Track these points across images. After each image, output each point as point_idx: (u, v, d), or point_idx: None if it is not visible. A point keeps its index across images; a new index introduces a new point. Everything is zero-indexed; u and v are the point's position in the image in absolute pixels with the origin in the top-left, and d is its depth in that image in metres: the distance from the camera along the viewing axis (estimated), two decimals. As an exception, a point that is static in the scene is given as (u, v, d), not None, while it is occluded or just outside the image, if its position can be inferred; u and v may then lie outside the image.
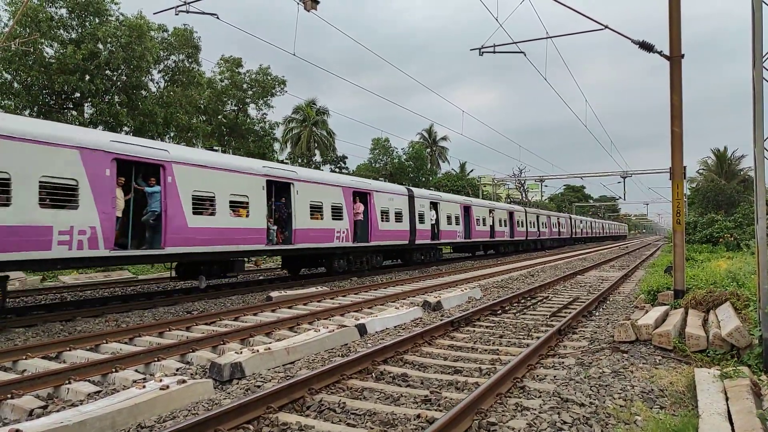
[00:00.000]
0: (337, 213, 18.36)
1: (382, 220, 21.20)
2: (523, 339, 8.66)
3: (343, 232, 18.65)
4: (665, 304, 10.33)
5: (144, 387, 5.40)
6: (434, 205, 26.21)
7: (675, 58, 11.00)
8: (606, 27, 12.51)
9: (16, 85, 23.42)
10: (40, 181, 9.95)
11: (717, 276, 12.39)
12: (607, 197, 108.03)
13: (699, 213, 46.14)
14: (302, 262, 19.47)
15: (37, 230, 9.85)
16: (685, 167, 11.22)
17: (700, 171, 60.65)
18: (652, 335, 7.89)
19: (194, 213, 12.88)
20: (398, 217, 22.56)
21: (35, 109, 23.72)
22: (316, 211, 17.34)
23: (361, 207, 19.91)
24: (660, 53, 11.40)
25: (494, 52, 15.96)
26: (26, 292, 15.19)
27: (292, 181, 16.45)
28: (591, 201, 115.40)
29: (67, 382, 6.16)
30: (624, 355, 7.38)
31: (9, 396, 5.63)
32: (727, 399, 5.10)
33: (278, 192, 16.34)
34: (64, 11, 24.09)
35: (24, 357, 7.39)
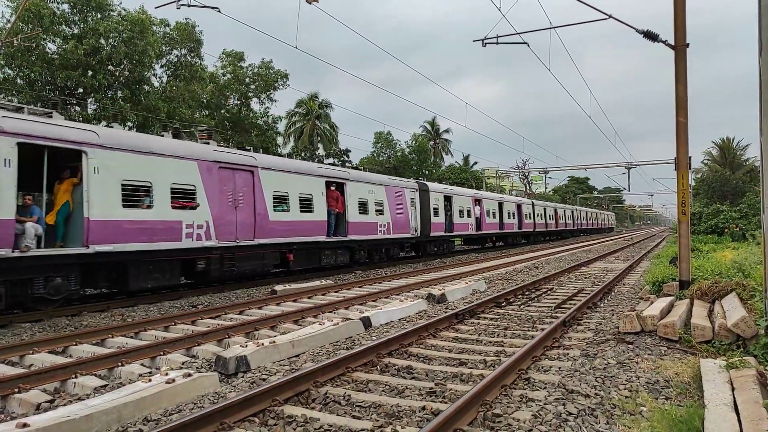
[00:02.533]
0: (379, 209, 20.79)
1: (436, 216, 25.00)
2: (528, 331, 8.65)
3: (385, 226, 20.90)
4: (670, 295, 10.30)
5: (150, 381, 5.42)
6: (448, 199, 27.58)
7: (680, 47, 10.90)
8: (610, 16, 12.42)
9: (19, 80, 23.45)
10: (171, 188, 12.32)
11: (722, 266, 12.34)
12: (612, 189, 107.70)
13: (704, 203, 45.93)
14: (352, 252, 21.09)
15: (172, 225, 12.27)
16: (690, 158, 11.14)
17: (705, 161, 60.33)
18: (657, 326, 7.87)
19: (275, 210, 15.47)
20: (435, 212, 25.90)
21: (38, 105, 23.75)
22: (363, 207, 19.75)
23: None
24: (665, 43, 11.31)
25: (497, 43, 15.86)
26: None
27: (345, 181, 18.88)
28: (595, 192, 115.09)
29: (73, 376, 6.19)
30: (629, 346, 7.37)
31: (16, 390, 5.66)
32: (733, 389, 5.08)
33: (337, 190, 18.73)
34: (66, 7, 24.09)
35: (31, 352, 7.42)
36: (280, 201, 15.62)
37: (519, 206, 39.58)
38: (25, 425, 4.18)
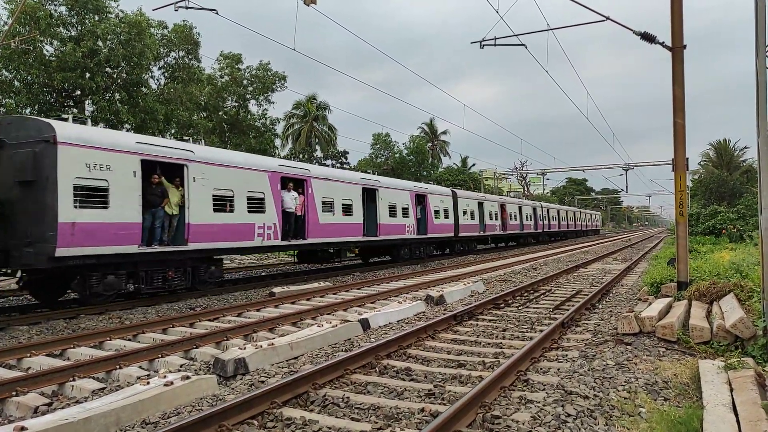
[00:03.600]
0: (405, 211, 22.73)
1: (435, 218, 25.73)
2: (527, 332, 8.65)
3: (410, 227, 22.98)
4: (668, 296, 10.32)
5: (148, 383, 5.41)
6: (480, 204, 31.93)
7: (677, 49, 10.93)
8: (607, 18, 12.44)
9: (16, 83, 23.41)
10: (247, 195, 14.52)
11: (720, 267, 12.36)
12: (610, 190, 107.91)
13: (702, 204, 46.05)
14: (382, 251, 23.86)
15: (247, 227, 14.48)
16: (687, 159, 11.16)
17: (702, 163, 60.49)
18: (655, 327, 7.88)
19: (323, 212, 17.60)
20: (446, 213, 27.12)
21: (36, 107, 23.72)
22: (392, 210, 21.73)
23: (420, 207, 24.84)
24: (662, 44, 11.34)
25: (495, 45, 15.86)
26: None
27: (377, 188, 21.09)
28: (593, 194, 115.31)
29: (71, 379, 6.17)
30: (628, 347, 7.37)
31: (14, 393, 5.64)
32: (731, 390, 5.09)
33: (368, 195, 20.66)
34: (63, 9, 24.06)
35: (28, 354, 7.40)
36: (328, 206, 18.04)
37: (534, 209, 43.36)
38: (23, 429, 4.16)
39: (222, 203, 13.74)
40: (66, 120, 11.26)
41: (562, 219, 52.45)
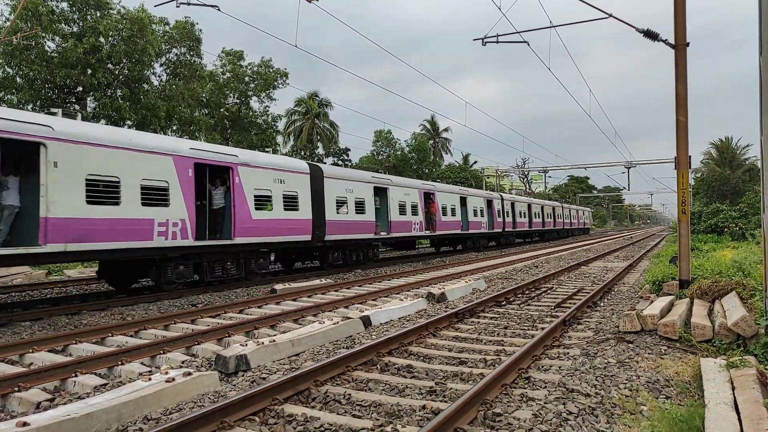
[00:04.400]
0: (414, 209, 23.13)
1: (443, 215, 26.27)
2: (528, 330, 8.65)
3: (418, 224, 23.58)
4: (670, 294, 10.30)
5: (150, 379, 5.42)
6: (489, 203, 32.90)
7: (680, 46, 10.89)
8: (610, 15, 12.41)
9: (18, 79, 23.40)
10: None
11: (722, 266, 12.33)
12: (612, 188, 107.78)
13: (704, 203, 45.97)
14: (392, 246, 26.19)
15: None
16: (690, 157, 11.13)
17: (704, 161, 60.33)
18: (657, 325, 7.87)
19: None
20: (453, 212, 27.54)
21: (38, 103, 23.72)
22: (402, 208, 22.35)
23: (431, 205, 25.20)
24: (665, 42, 11.31)
25: (497, 42, 15.85)
26: (32, 285, 15.24)
27: (388, 186, 21.67)
28: (595, 192, 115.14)
29: (73, 375, 6.19)
30: (629, 345, 7.36)
31: (16, 389, 5.66)
32: (733, 389, 5.08)
33: (378, 194, 21.17)
34: (65, 5, 24.03)
35: (30, 350, 7.42)
36: (263, 199, 16.12)
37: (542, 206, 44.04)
38: (25, 424, 4.17)
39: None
40: (56, 114, 10.99)
41: (536, 215, 42.73)
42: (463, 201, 29.05)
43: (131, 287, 14.11)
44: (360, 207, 19.73)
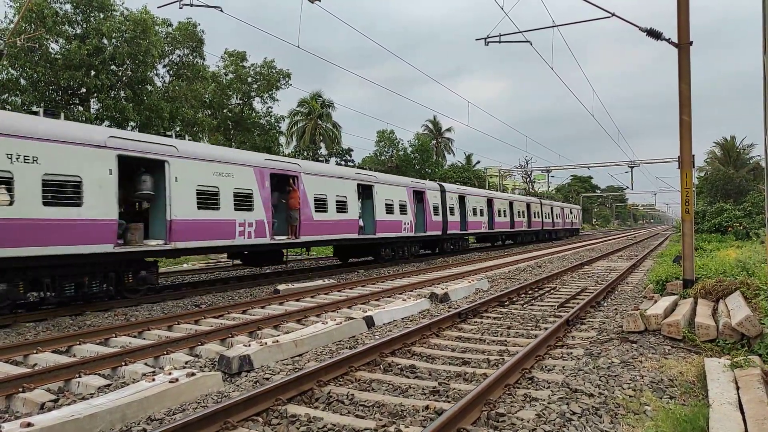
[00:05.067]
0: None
1: (434, 215, 25.73)
2: (531, 330, 8.64)
3: (408, 224, 23.32)
4: (674, 294, 10.27)
5: (153, 380, 5.42)
6: (489, 202, 32.63)
7: (683, 45, 10.86)
8: (613, 14, 12.38)
9: (22, 81, 23.49)
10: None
11: (726, 265, 12.31)
12: (615, 187, 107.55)
13: (708, 202, 45.83)
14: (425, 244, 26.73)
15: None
16: (693, 156, 11.10)
17: (707, 160, 60.16)
18: (661, 325, 7.85)
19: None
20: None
21: (42, 105, 23.80)
22: (390, 207, 22.20)
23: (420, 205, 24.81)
24: (668, 41, 11.28)
25: (500, 41, 15.82)
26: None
27: (373, 184, 21.49)
28: (598, 191, 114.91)
29: (77, 375, 6.21)
30: (633, 345, 7.35)
31: (20, 390, 5.68)
32: (737, 388, 5.06)
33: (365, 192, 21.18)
34: (68, 7, 24.12)
35: (35, 351, 7.44)
36: (389, 207, 21.44)
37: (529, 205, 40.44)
38: (29, 425, 4.18)
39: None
40: (37, 114, 10.92)
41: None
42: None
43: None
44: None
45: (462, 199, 28.59)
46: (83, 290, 10.98)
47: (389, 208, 21.68)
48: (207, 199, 13.19)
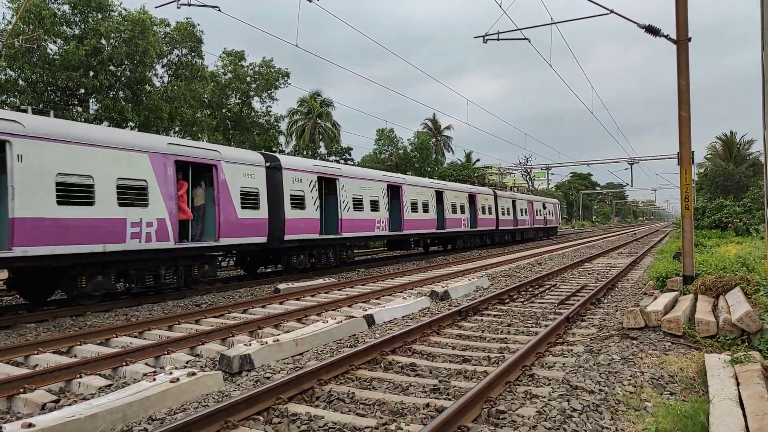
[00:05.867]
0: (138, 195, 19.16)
1: (453, 213, 26.87)
2: (532, 327, 8.64)
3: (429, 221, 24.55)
4: (674, 290, 10.28)
5: (154, 380, 5.43)
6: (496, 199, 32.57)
7: (682, 41, 10.86)
8: (611, 11, 12.38)
9: (20, 82, 23.46)
10: (460, 205, 23.59)
11: (726, 261, 12.31)
12: (615, 184, 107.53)
13: (707, 198, 45.82)
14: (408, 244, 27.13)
15: (385, 220, 20.79)
16: (693, 152, 11.11)
17: (708, 156, 60.09)
18: (661, 321, 7.85)
19: (412, 211, 22.79)
20: (462, 209, 28.14)
21: (40, 106, 23.78)
22: (415, 206, 23.14)
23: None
24: (667, 37, 11.27)
25: (498, 39, 15.81)
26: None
27: (444, 190, 24.54)
28: (598, 188, 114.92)
29: (78, 376, 6.21)
30: (633, 341, 7.35)
31: (21, 390, 5.68)
32: (738, 384, 5.07)
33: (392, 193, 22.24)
34: (66, 7, 24.06)
35: (35, 352, 7.45)
36: (539, 212, 22.61)
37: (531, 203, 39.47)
38: (30, 425, 4.19)
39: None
40: (26, 111, 10.79)
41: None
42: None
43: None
44: (426, 208, 24.21)
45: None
46: (160, 281, 12.44)
47: (414, 207, 22.87)
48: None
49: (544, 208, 44.74)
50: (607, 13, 12.48)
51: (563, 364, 6.39)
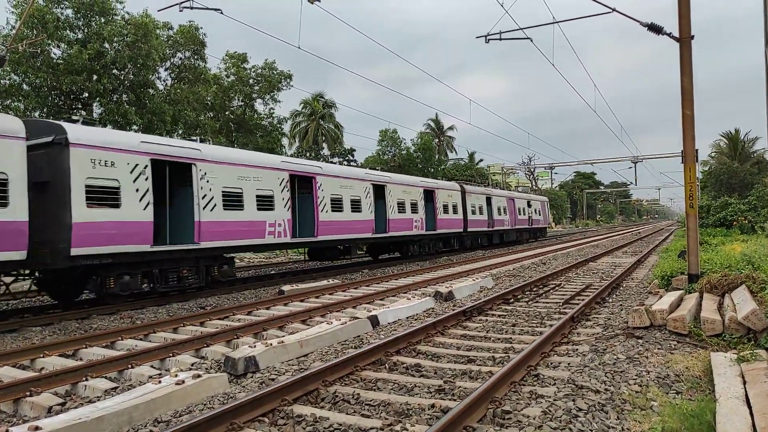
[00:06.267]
0: (414, 207, 23.88)
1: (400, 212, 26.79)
2: (536, 327, 8.63)
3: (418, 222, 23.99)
4: (679, 289, 10.24)
5: (160, 382, 5.44)
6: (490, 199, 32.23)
7: (684, 39, 10.83)
8: (614, 10, 12.35)
9: (25, 86, 23.57)
10: (411, 203, 22.70)
11: (732, 259, 12.25)
12: (619, 183, 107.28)
13: (712, 196, 45.65)
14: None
15: (423, 220, 23.52)
16: (697, 150, 11.07)
17: (712, 154, 59.92)
18: (666, 320, 7.82)
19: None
20: (414, 208, 27.05)
21: (45, 110, 23.89)
22: (338, 204, 20.94)
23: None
24: (669, 35, 11.24)
25: (500, 39, 15.80)
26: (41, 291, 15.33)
27: (315, 175, 21.57)
28: (602, 187, 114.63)
29: (84, 379, 6.23)
30: (638, 340, 7.33)
31: (28, 394, 5.70)
32: (744, 383, 5.05)
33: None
34: (69, 12, 24.18)
35: (41, 355, 7.47)
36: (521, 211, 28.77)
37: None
38: (37, 428, 4.21)
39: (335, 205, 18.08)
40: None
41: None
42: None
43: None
44: (455, 209, 26.43)
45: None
46: (183, 282, 12.91)
47: (445, 209, 25.50)
48: (231, 200, 13.67)
49: (529, 206, 39.08)
50: (609, 12, 12.46)
51: (568, 363, 6.37)
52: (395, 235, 21.60)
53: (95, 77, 24.04)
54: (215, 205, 13.38)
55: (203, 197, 13.08)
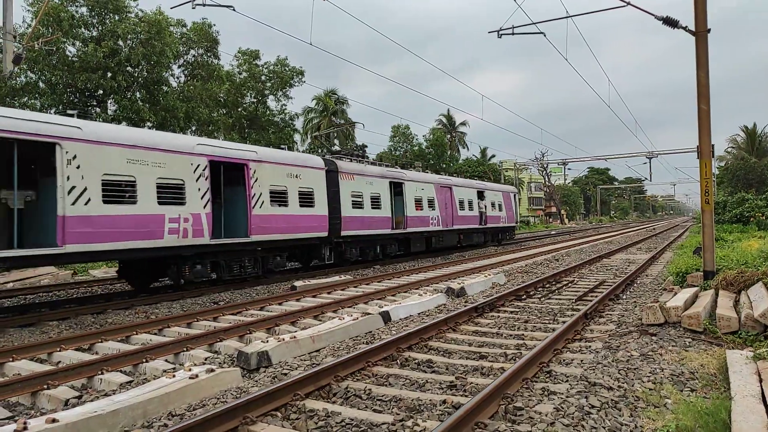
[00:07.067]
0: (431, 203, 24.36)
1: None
2: (549, 324, 8.58)
3: (435, 219, 24.31)
4: (694, 286, 10.13)
5: (174, 376, 5.51)
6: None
7: (701, 33, 10.68)
8: (628, 3, 12.20)
9: (41, 84, 23.87)
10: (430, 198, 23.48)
11: (748, 256, 12.09)
12: (633, 179, 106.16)
13: (728, 192, 45.02)
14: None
15: (438, 218, 23.95)
16: (713, 146, 10.93)
17: (729, 149, 59.01)
18: (681, 317, 7.75)
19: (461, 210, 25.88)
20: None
21: (60, 107, 24.18)
22: (419, 202, 23.31)
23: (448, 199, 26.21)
24: (685, 29, 11.09)
25: (513, 33, 15.69)
26: (58, 286, 15.57)
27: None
28: (616, 183, 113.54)
29: (100, 372, 6.32)
30: (653, 337, 7.27)
31: (45, 386, 5.80)
32: (760, 380, 4.98)
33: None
34: (84, 10, 24.43)
35: (58, 349, 7.59)
36: (463, 205, 26.16)
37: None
38: (54, 420, 4.28)
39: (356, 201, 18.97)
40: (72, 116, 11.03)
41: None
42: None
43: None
44: (471, 206, 27.32)
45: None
46: (244, 271, 14.55)
47: (462, 205, 26.61)
48: (277, 198, 15.33)
49: (481, 198, 28.61)
50: (624, 5, 12.31)
51: (581, 360, 6.34)
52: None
53: (110, 74, 24.30)
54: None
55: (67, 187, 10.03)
